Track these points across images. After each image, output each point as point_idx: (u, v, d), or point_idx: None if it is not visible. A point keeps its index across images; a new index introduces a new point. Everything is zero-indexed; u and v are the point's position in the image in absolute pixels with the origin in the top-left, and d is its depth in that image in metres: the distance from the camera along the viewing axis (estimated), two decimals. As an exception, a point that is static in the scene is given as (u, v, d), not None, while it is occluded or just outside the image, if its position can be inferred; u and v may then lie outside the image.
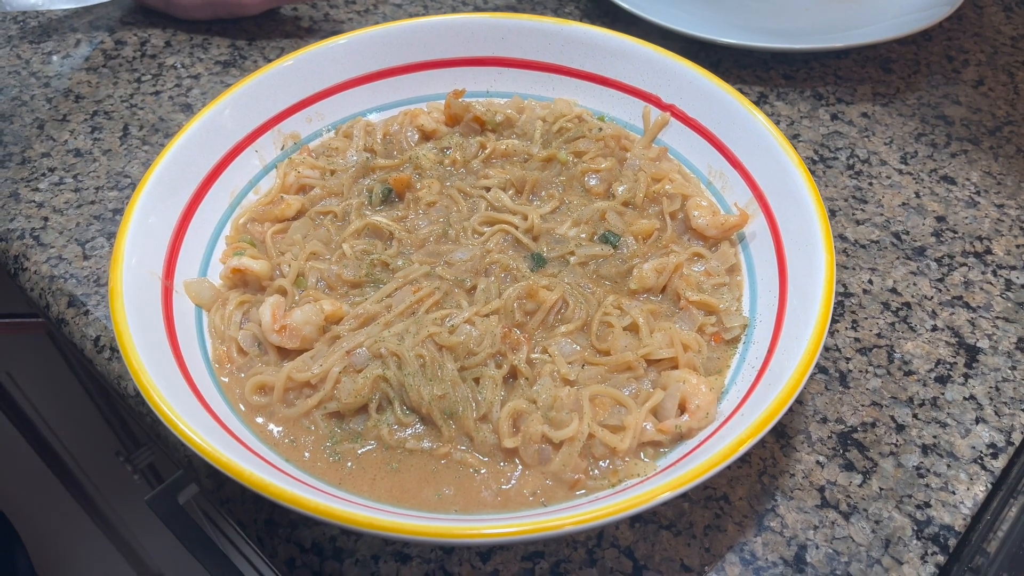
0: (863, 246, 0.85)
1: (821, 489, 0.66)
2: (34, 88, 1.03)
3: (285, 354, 0.68)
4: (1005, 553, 0.61)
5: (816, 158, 0.95)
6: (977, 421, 0.71)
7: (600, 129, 0.85)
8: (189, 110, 1.01)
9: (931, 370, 0.74)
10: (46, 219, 0.87)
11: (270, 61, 1.03)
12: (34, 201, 0.88)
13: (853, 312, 0.79)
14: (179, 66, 1.07)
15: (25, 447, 1.64)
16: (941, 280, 0.82)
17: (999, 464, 0.68)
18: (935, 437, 0.69)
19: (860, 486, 0.66)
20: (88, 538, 1.96)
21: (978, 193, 0.91)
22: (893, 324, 0.78)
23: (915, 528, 0.64)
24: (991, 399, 0.72)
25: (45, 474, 1.73)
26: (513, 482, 0.61)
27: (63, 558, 2.04)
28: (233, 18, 1.12)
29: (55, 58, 1.08)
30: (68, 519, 1.90)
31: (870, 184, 0.92)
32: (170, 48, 1.10)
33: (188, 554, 0.86)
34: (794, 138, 0.98)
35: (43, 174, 0.92)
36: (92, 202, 0.88)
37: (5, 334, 1.34)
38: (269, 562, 0.69)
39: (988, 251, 0.85)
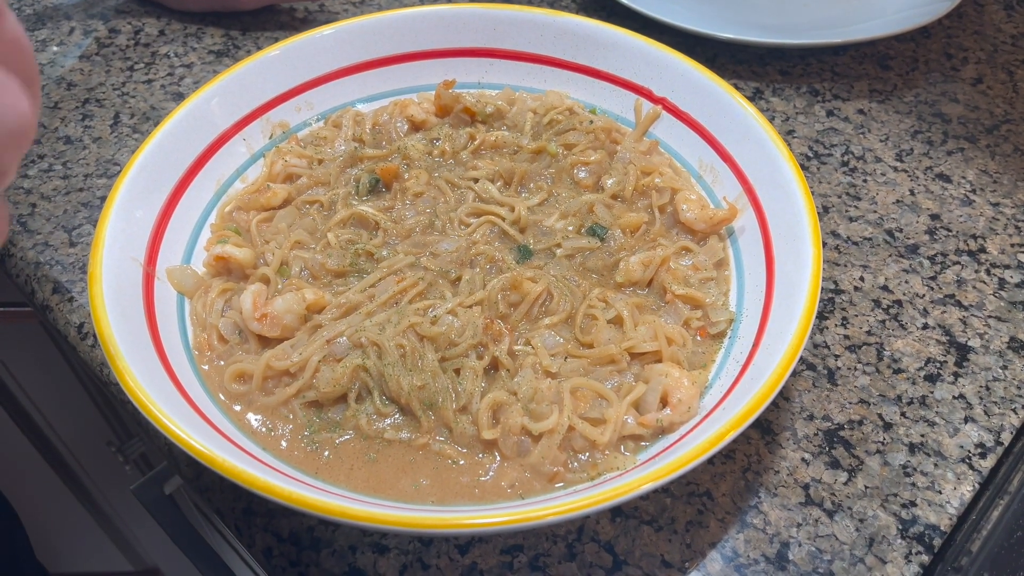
0: (855, 243, 0.84)
1: (805, 486, 0.65)
2: (27, 75, 1.03)
3: (266, 342, 0.68)
4: (987, 552, 0.60)
5: (811, 154, 0.94)
6: (966, 420, 0.70)
7: (591, 122, 0.84)
8: (181, 99, 1.00)
9: (921, 368, 0.73)
10: (34, 205, 0.86)
11: (263, 51, 1.02)
12: (22, 187, 0.88)
13: (843, 309, 0.78)
14: (172, 55, 1.07)
15: (20, 437, 1.64)
16: (934, 278, 0.81)
17: (987, 464, 0.67)
18: (923, 436, 0.69)
19: (845, 484, 0.65)
20: (84, 529, 1.96)
21: (973, 191, 0.90)
22: (884, 322, 0.77)
23: (900, 527, 0.63)
24: (981, 399, 0.71)
25: (40, 464, 1.73)
26: (491, 474, 0.60)
27: (59, 548, 2.04)
28: (228, 12, 1.12)
29: (50, 47, 1.08)
30: (64, 510, 1.90)
31: (864, 181, 0.91)
32: (164, 37, 1.10)
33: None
34: (789, 134, 0.97)
35: (32, 160, 0.91)
36: (80, 189, 0.88)
37: (-1, 323, 1.34)
38: (248, 551, 0.68)
39: (982, 250, 0.84)
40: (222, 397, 0.65)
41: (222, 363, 0.67)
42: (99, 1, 1.16)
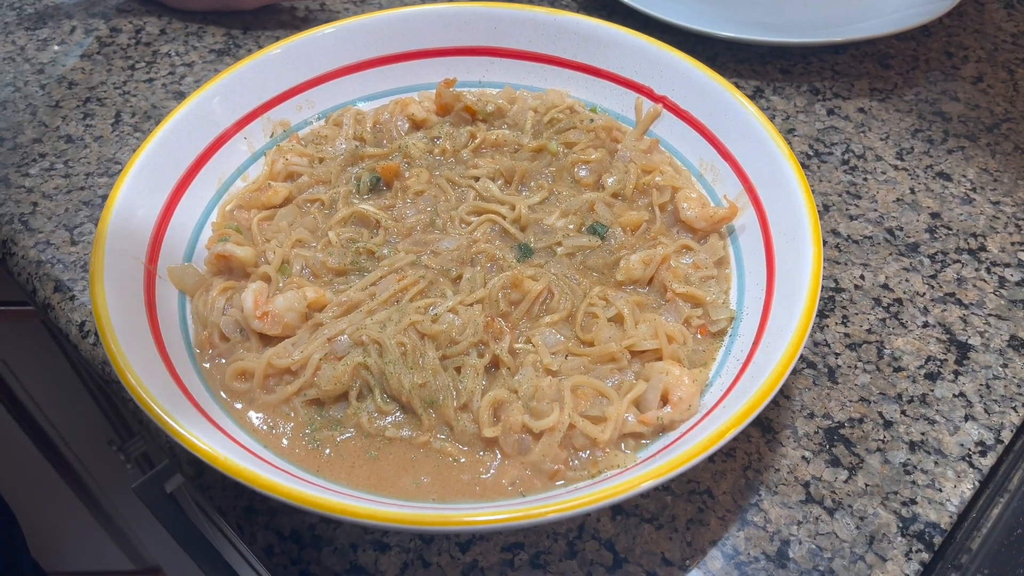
0: (856, 241, 0.84)
1: (806, 484, 0.65)
2: (28, 75, 1.03)
3: (267, 341, 0.68)
4: (987, 550, 0.60)
5: (811, 153, 0.94)
6: (966, 418, 0.70)
7: (592, 120, 0.85)
8: (182, 98, 1.00)
9: (921, 367, 0.73)
10: (35, 204, 0.86)
11: (264, 50, 1.02)
12: (24, 186, 0.88)
13: (844, 307, 0.78)
14: (173, 54, 1.07)
15: (21, 436, 1.64)
16: (934, 277, 0.81)
17: (988, 462, 0.67)
18: (923, 434, 0.69)
19: (846, 482, 0.65)
20: (85, 528, 1.96)
21: (974, 190, 0.90)
22: (884, 320, 0.77)
23: (900, 525, 0.63)
24: (981, 397, 0.71)
25: (42, 463, 1.73)
26: (492, 471, 0.60)
27: (60, 547, 2.04)
28: (229, 11, 1.12)
29: (51, 46, 1.08)
30: (65, 509, 1.90)
31: (865, 180, 0.91)
32: (165, 36, 1.10)
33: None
34: (789, 133, 0.97)
35: (34, 159, 0.91)
36: (82, 188, 0.88)
37: (0, 322, 1.34)
38: (249, 549, 0.69)
39: (982, 248, 0.84)
40: (223, 395, 0.65)
41: (223, 361, 0.67)
42: (100, 0, 1.16)
